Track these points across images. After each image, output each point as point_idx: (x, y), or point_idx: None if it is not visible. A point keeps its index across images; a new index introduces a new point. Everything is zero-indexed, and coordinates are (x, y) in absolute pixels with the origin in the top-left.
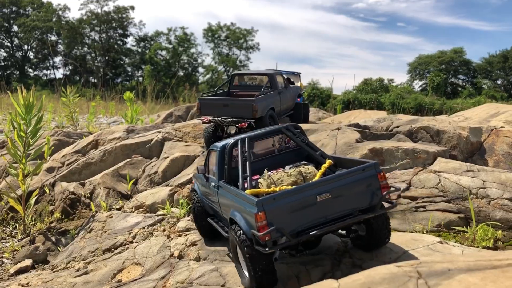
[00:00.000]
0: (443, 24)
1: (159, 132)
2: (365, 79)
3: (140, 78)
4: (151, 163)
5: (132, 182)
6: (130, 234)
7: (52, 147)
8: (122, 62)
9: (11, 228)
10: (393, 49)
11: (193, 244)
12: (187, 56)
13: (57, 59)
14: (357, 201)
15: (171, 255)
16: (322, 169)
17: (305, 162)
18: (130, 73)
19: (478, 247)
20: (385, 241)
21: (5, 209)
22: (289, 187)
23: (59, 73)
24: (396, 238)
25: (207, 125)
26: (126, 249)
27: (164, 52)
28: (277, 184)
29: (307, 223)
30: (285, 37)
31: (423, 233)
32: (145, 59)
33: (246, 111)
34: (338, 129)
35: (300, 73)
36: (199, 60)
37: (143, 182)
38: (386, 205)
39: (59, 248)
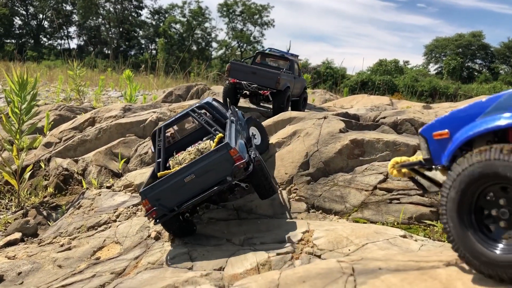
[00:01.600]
0: (464, 6)
1: (154, 112)
2: (380, 60)
3: (154, 51)
4: (143, 143)
5: (123, 161)
6: (115, 213)
7: (52, 122)
8: (136, 35)
9: (7, 201)
10: (411, 30)
11: None
12: (201, 30)
13: (72, 29)
14: (218, 174)
15: (149, 235)
16: (214, 143)
17: (206, 138)
18: (143, 46)
19: (444, 241)
20: (270, 195)
21: (1, 183)
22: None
23: (73, 43)
24: (360, 230)
25: (229, 84)
26: (109, 228)
27: (178, 26)
28: (182, 163)
29: (183, 198)
30: (301, 14)
31: (394, 225)
32: (159, 32)
33: (271, 81)
34: (325, 118)
35: (298, 55)
36: (213, 35)
37: (134, 162)
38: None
39: (49, 223)
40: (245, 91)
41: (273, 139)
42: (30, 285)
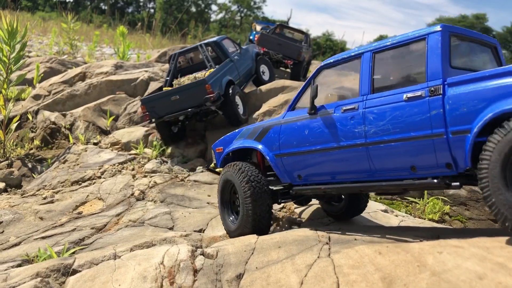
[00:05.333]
0: None
1: (146, 71)
2: (380, 36)
3: (152, 10)
4: (133, 101)
5: (112, 118)
6: (100, 169)
7: (42, 74)
8: None
9: None
10: (416, 7)
11: (155, 186)
12: None
13: None
14: (195, 100)
15: (132, 194)
16: (207, 73)
17: (206, 69)
18: (142, 4)
19: (425, 218)
20: (235, 123)
21: None
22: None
23: None
24: None
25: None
26: (93, 184)
27: None
28: (181, 84)
29: (169, 111)
30: None
31: (377, 199)
32: None
33: (294, 53)
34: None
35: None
36: None
37: (123, 120)
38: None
39: (34, 175)
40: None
41: (264, 107)
42: (10, 234)
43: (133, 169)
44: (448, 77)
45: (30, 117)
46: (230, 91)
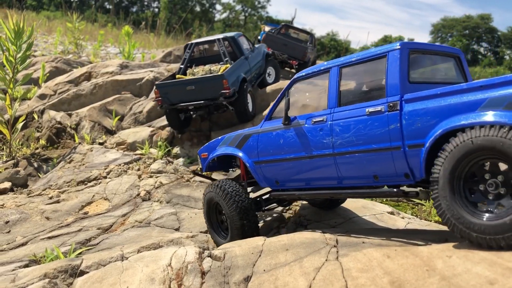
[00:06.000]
0: None
1: (152, 71)
2: (385, 36)
3: (156, 10)
4: (139, 101)
5: (117, 118)
6: (105, 169)
7: (47, 74)
8: None
9: None
10: (420, 8)
11: (161, 186)
12: None
13: None
14: (210, 93)
15: (138, 194)
16: (223, 69)
17: (221, 63)
18: (146, 3)
19: (431, 220)
20: (244, 120)
21: None
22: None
23: None
24: (348, 204)
25: None
26: (99, 184)
27: None
28: (195, 74)
29: (182, 99)
30: None
31: (383, 201)
32: None
33: (299, 53)
34: None
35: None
36: None
37: (128, 120)
38: None
39: (39, 175)
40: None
41: (269, 109)
42: (17, 234)
43: (138, 169)
44: (406, 93)
45: (36, 116)
46: (244, 88)
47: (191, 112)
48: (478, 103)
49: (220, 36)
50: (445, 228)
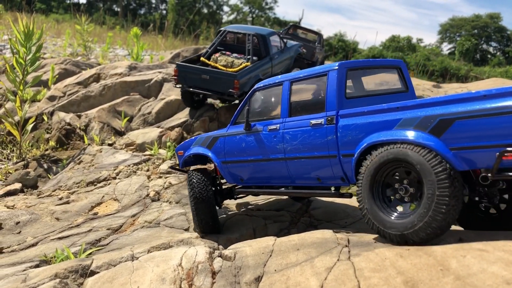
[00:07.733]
0: None
1: (160, 72)
2: (393, 36)
3: (164, 12)
4: (147, 102)
5: (126, 119)
6: (115, 170)
7: (57, 76)
8: None
9: (8, 151)
10: (429, 7)
11: (170, 187)
12: None
13: None
14: (221, 86)
15: (147, 195)
16: (242, 65)
17: (245, 58)
18: (154, 5)
19: None
20: None
21: (3, 133)
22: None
23: None
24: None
25: None
26: (108, 184)
27: None
28: (217, 61)
29: (195, 84)
30: None
31: None
32: None
33: (307, 53)
34: None
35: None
36: None
37: (137, 121)
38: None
39: (49, 176)
40: None
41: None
42: (27, 234)
43: (148, 170)
44: (342, 109)
45: (45, 118)
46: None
47: (202, 96)
48: (395, 122)
49: (251, 32)
50: (458, 227)
